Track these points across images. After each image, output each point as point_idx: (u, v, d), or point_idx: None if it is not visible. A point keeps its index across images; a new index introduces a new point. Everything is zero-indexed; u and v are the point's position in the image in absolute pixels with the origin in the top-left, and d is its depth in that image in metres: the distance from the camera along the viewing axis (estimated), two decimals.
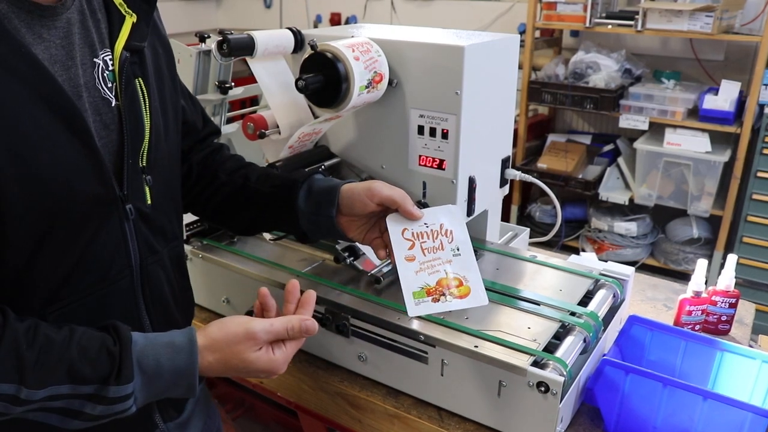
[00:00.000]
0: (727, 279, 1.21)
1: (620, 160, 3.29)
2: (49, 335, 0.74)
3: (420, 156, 1.17)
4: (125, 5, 0.85)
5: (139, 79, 0.85)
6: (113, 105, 0.82)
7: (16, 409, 0.71)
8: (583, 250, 3.25)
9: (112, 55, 0.83)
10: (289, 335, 0.85)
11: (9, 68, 0.69)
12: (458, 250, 0.95)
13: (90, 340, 0.76)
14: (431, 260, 0.94)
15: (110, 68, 0.82)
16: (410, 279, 0.92)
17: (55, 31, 0.76)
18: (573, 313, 1.04)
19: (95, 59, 0.81)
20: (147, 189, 0.87)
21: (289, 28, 1.21)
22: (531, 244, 1.58)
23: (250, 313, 1.19)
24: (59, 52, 0.76)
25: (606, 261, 1.26)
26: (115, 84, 0.82)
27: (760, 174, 2.82)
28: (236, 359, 0.82)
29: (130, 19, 0.85)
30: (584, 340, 0.99)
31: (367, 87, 1.08)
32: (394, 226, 0.96)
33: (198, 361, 0.80)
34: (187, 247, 1.27)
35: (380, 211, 0.98)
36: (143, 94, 0.86)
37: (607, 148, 3.45)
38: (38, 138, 0.71)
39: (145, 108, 0.86)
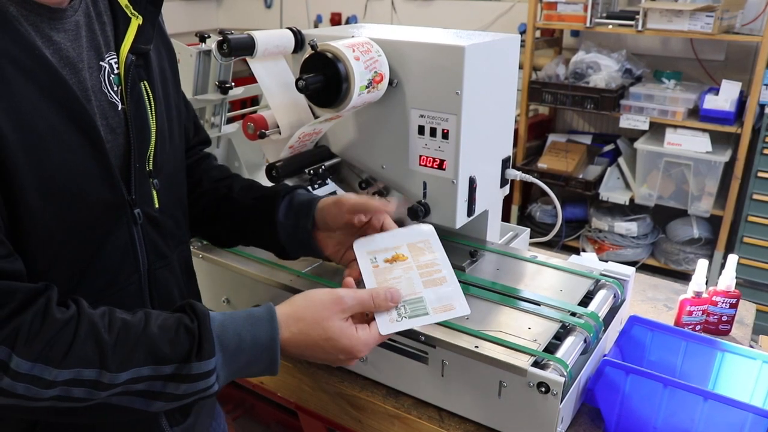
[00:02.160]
0: (727, 279, 1.21)
1: (621, 160, 3.29)
2: (125, 319, 0.74)
3: (420, 156, 1.17)
4: (131, 7, 0.84)
5: (145, 82, 0.85)
6: (119, 109, 0.81)
7: (100, 393, 0.71)
8: (584, 250, 3.25)
9: (118, 58, 0.82)
10: (375, 303, 0.83)
11: (23, 69, 0.69)
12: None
13: (166, 320, 0.76)
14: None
15: (116, 72, 0.82)
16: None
17: (64, 33, 0.76)
18: (573, 314, 1.04)
19: (101, 62, 0.80)
20: (154, 193, 0.87)
21: (290, 28, 1.21)
22: (531, 244, 1.58)
23: None
24: (69, 55, 0.76)
25: (606, 261, 1.25)
26: (120, 87, 0.82)
27: (760, 174, 2.82)
28: (320, 329, 0.80)
29: (135, 21, 0.84)
30: (585, 341, 0.99)
31: (367, 87, 1.08)
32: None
33: (279, 331, 0.78)
34: None
35: (356, 228, 0.97)
36: (149, 98, 0.85)
37: (608, 148, 3.45)
38: (51, 140, 0.71)
39: (151, 111, 0.85)
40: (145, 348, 0.73)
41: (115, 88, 0.81)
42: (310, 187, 1.19)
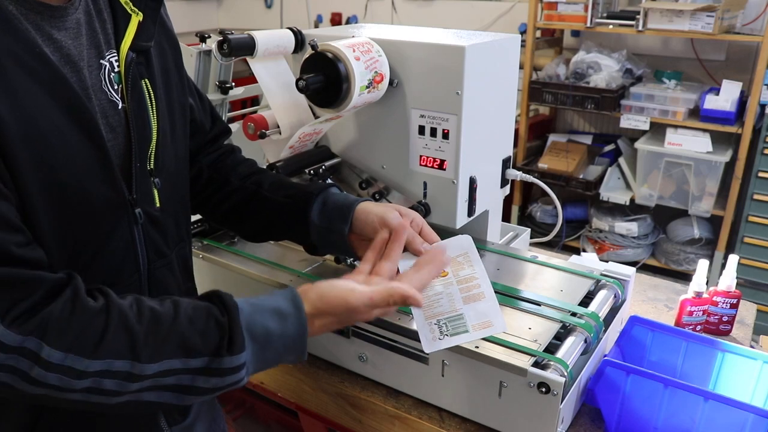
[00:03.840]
0: (728, 279, 1.21)
1: (621, 160, 3.28)
2: (154, 308, 0.73)
3: (421, 156, 1.17)
4: (131, 3, 0.83)
5: (146, 80, 0.84)
6: (120, 108, 0.81)
7: (130, 386, 0.70)
8: (584, 251, 3.24)
9: (118, 56, 0.82)
10: (389, 305, 0.83)
11: (25, 67, 0.68)
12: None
13: (196, 310, 0.75)
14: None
15: (116, 70, 0.81)
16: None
17: (65, 32, 0.75)
18: (574, 314, 1.04)
19: (101, 61, 0.80)
20: (155, 192, 0.86)
21: (290, 28, 1.21)
22: (532, 244, 1.58)
23: None
24: (69, 53, 0.75)
25: (607, 261, 1.25)
26: (121, 86, 0.81)
27: (761, 174, 2.81)
28: (341, 323, 0.83)
29: (136, 18, 0.83)
30: (585, 341, 0.99)
31: (367, 87, 1.08)
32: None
33: (308, 328, 0.79)
34: None
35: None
36: (150, 96, 0.84)
37: (608, 148, 3.44)
38: (54, 139, 0.71)
39: (152, 110, 0.84)
40: (177, 339, 0.72)
41: (116, 87, 0.81)
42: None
